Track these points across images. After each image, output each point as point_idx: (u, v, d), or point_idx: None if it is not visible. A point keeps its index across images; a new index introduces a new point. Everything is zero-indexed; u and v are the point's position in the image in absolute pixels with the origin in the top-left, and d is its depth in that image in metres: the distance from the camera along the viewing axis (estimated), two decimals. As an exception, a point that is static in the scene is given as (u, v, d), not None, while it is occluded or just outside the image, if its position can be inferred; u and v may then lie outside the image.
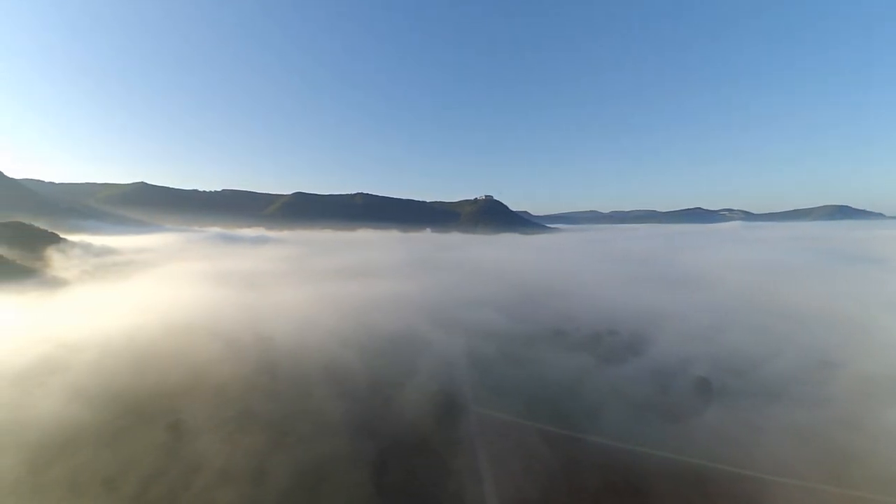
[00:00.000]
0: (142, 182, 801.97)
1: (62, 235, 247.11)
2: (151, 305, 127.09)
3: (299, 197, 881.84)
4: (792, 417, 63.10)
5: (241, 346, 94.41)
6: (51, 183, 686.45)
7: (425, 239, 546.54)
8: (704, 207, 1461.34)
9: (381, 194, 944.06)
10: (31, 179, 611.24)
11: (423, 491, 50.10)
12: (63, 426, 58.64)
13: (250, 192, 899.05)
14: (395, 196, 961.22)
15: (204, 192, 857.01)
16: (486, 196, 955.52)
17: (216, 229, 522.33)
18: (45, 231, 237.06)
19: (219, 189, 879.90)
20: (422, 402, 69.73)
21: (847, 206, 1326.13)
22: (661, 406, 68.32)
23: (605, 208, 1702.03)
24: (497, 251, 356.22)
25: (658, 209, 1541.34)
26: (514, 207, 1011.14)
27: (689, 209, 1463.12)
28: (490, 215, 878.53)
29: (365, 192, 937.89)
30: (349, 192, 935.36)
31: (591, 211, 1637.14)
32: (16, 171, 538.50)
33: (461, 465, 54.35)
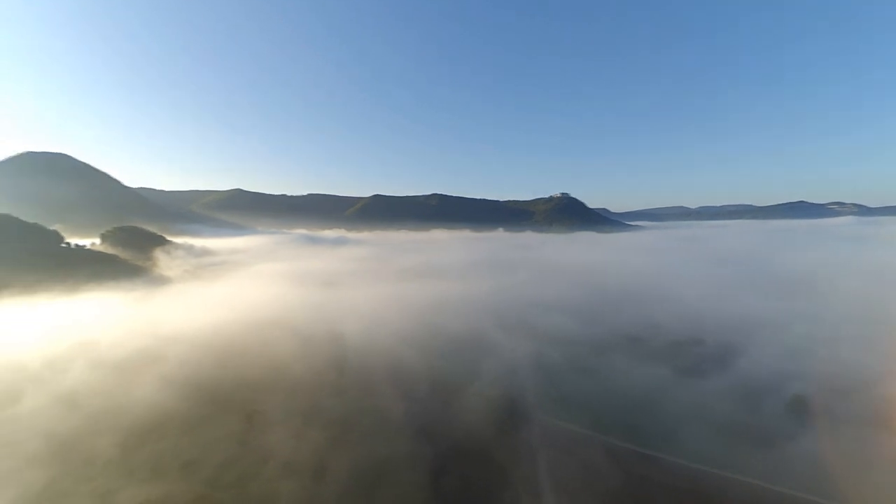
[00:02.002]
0: (238, 189, 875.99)
1: (168, 238, 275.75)
2: (239, 302, 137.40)
3: (377, 199, 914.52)
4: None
5: (315, 343, 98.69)
6: (161, 191, 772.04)
7: (497, 239, 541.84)
8: (809, 200, 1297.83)
9: (455, 195, 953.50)
10: (145, 188, 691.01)
11: (479, 499, 48.90)
12: (153, 412, 64.46)
13: (333, 195, 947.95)
14: (468, 196, 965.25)
15: (292, 196, 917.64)
16: (561, 194, 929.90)
17: (301, 231, 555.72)
18: (154, 234, 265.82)
19: (305, 193, 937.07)
20: (483, 406, 68.16)
21: None
22: (749, 426, 61.01)
23: (693, 203, 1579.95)
24: (571, 251, 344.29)
25: (754, 203, 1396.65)
26: (591, 205, 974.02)
27: (791, 203, 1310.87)
28: (565, 213, 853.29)
29: (439, 192, 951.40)
30: (424, 194, 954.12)
31: (677, 206, 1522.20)
32: (132, 181, 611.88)
33: (520, 476, 52.28)
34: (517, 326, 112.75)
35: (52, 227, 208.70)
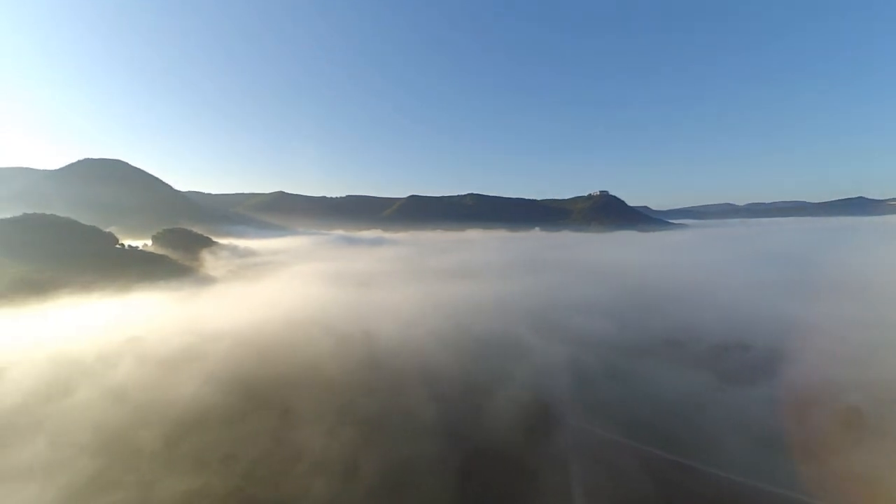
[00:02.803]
0: (280, 191, 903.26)
1: (214, 239, 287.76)
2: (279, 302, 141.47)
3: (413, 199, 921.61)
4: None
5: (349, 342, 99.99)
6: (209, 194, 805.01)
7: (533, 238, 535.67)
8: (869, 196, 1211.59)
9: (491, 194, 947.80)
10: (194, 192, 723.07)
11: (507, 505, 48.18)
12: (195, 407, 66.99)
13: (370, 196, 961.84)
14: (504, 196, 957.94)
15: (331, 198, 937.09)
16: (600, 192, 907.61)
17: (340, 232, 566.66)
18: (201, 235, 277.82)
19: (344, 195, 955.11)
20: (514, 410, 66.96)
21: None
22: (796, 439, 57.21)
23: (741, 200, 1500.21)
24: (609, 251, 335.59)
25: (808, 199, 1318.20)
26: (631, 202, 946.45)
27: (847, 199, 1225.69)
28: (604, 212, 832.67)
29: (475, 192, 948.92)
30: (460, 193, 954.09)
31: (723, 203, 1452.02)
32: (182, 185, 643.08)
33: (550, 483, 51.15)
34: (551, 329, 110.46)
35: (107, 230, 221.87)
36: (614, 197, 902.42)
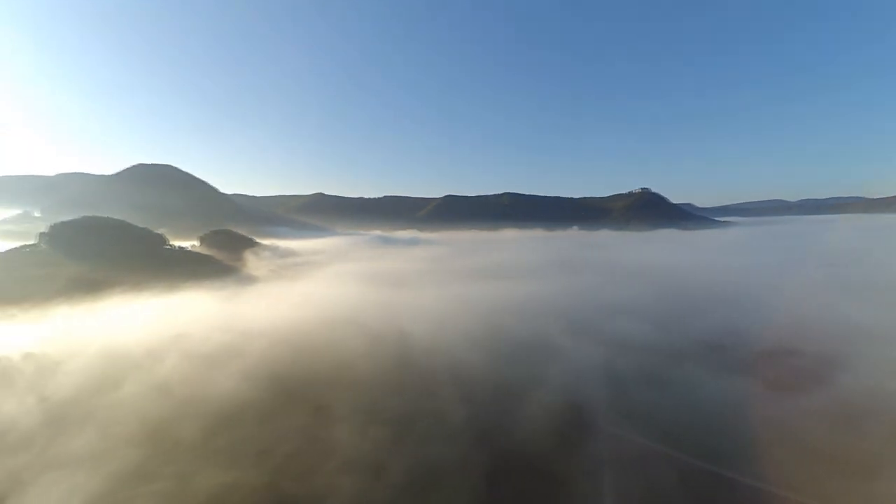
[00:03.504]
0: (319, 193, 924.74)
1: (257, 240, 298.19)
2: (315, 301, 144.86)
3: (449, 199, 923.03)
4: None
5: (382, 342, 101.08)
6: (252, 196, 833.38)
7: (570, 238, 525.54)
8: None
9: (527, 193, 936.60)
10: (238, 194, 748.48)
11: (536, 512, 47.21)
12: (233, 402, 69.25)
13: (406, 196, 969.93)
14: (541, 194, 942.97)
15: (368, 199, 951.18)
16: (641, 189, 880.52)
17: (377, 232, 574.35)
18: (245, 236, 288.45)
19: (380, 196, 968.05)
20: (545, 415, 65.67)
21: None
22: (849, 453, 53.23)
23: (793, 196, 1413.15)
24: (649, 250, 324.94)
25: (866, 195, 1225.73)
26: (674, 199, 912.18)
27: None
28: (645, 210, 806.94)
29: (511, 191, 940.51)
30: (496, 193, 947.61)
31: (774, 200, 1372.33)
32: (228, 189, 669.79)
33: (582, 490, 49.86)
34: (586, 331, 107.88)
35: (158, 231, 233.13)
36: (656, 194, 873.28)
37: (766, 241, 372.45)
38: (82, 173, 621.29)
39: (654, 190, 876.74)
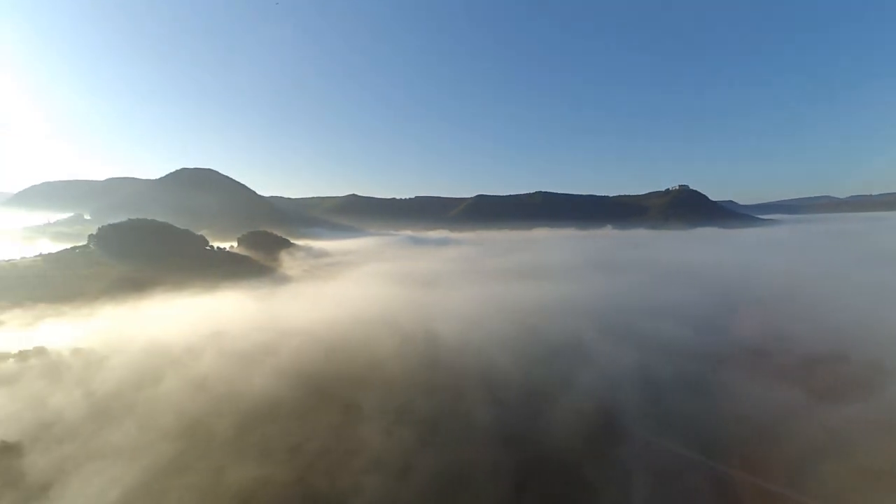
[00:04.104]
0: (353, 194, 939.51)
1: (292, 241, 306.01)
2: (347, 300, 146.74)
3: (480, 199, 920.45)
4: None
5: (411, 342, 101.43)
6: (288, 198, 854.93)
7: (604, 237, 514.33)
8: None
9: (559, 192, 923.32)
10: (275, 196, 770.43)
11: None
12: (266, 399, 70.70)
13: (438, 197, 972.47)
14: (574, 193, 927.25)
15: (400, 199, 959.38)
16: (679, 186, 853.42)
17: (408, 232, 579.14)
18: (280, 237, 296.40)
19: (412, 196, 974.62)
20: (577, 419, 63.79)
21: None
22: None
23: (843, 192, 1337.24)
24: (688, 249, 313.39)
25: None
26: (714, 197, 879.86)
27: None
28: (684, 208, 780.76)
29: (543, 190, 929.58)
30: (528, 192, 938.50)
31: (822, 196, 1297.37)
32: (265, 191, 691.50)
33: (612, 499, 48.33)
34: (620, 333, 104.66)
35: (199, 233, 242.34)
36: (694, 191, 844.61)
37: (813, 240, 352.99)
38: (130, 178, 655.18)
39: (692, 187, 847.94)
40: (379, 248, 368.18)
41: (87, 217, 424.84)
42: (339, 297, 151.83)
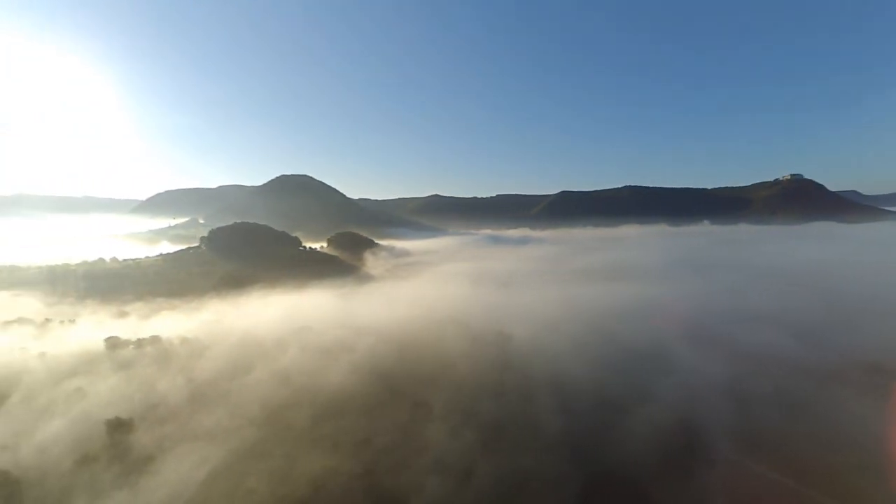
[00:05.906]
0: (435, 194, 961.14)
1: (376, 241, 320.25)
2: (423, 299, 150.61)
3: (563, 195, 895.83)
4: None
5: (483, 343, 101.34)
6: (376, 200, 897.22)
7: (700, 234, 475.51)
8: None
9: (650, 185, 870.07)
10: (363, 199, 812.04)
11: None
12: (340, 394, 74.80)
13: (519, 194, 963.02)
14: (666, 186, 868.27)
15: (482, 198, 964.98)
16: (791, 175, 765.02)
17: (487, 231, 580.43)
18: (366, 238, 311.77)
19: (493, 195, 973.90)
20: (653, 434, 59.80)
21: None
22: None
23: None
24: (798, 247, 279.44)
25: None
26: (833, 187, 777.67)
27: None
28: (795, 200, 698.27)
29: (632, 184, 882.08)
30: (615, 186, 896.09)
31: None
32: (355, 194, 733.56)
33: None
34: (712, 341, 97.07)
35: (294, 234, 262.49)
36: (809, 181, 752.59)
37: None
38: (237, 185, 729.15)
39: (806, 176, 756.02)
40: (458, 247, 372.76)
41: (202, 221, 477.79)
42: (415, 297, 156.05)
